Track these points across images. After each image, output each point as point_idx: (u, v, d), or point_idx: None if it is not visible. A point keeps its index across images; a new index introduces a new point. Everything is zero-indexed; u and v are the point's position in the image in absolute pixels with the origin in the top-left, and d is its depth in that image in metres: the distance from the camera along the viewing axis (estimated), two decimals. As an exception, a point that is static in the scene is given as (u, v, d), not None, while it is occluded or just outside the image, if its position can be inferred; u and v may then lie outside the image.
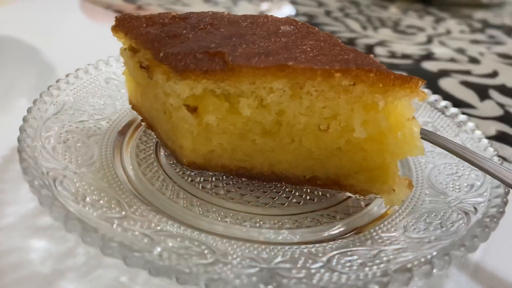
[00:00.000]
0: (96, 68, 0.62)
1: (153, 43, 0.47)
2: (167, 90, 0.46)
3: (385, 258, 0.38)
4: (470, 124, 0.57)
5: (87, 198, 0.41)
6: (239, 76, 0.42)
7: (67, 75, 0.58)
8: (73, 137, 0.51)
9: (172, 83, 0.44)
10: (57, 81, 0.56)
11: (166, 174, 0.50)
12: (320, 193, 0.49)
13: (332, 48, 0.46)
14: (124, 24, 0.52)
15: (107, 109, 0.58)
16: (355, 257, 0.39)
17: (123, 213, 0.41)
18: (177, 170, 0.51)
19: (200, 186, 0.49)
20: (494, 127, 0.74)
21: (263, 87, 0.43)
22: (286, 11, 1.40)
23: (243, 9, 1.29)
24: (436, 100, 0.63)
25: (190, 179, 0.49)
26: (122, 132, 0.56)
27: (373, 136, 0.44)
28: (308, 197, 0.48)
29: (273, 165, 0.48)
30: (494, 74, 0.96)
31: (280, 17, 0.53)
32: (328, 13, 1.30)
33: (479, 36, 1.22)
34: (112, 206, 0.42)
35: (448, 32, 1.24)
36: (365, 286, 0.33)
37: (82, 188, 0.43)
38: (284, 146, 0.47)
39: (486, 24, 1.35)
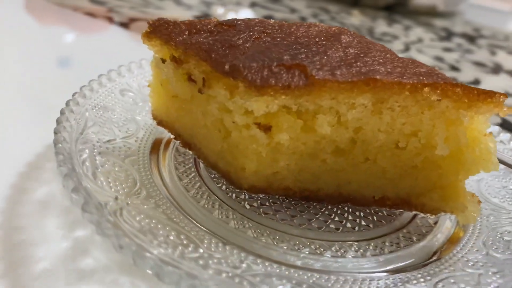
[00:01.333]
0: (109, 80, 0.55)
1: (210, 54, 0.41)
2: (229, 107, 0.41)
3: (494, 284, 0.36)
4: (505, 135, 0.58)
5: (158, 235, 0.35)
6: (321, 91, 0.38)
7: (82, 87, 0.51)
8: (108, 160, 0.44)
9: (239, 99, 0.39)
10: (74, 94, 0.49)
11: (221, 200, 0.44)
12: (385, 214, 0.47)
13: (401, 60, 0.44)
14: (162, 31, 0.46)
15: (130, 125, 0.52)
16: (462, 285, 0.36)
17: (201, 250, 0.36)
18: (230, 194, 0.46)
19: (262, 212, 0.44)
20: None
21: (345, 102, 0.39)
22: (243, 15, 1.37)
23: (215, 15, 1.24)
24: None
25: (247, 203, 0.45)
26: (154, 151, 0.50)
27: (451, 153, 0.42)
28: (375, 218, 0.46)
29: (341, 186, 0.44)
30: (476, 82, 1.00)
31: (326, 25, 0.50)
32: (303, 20, 1.29)
33: (448, 44, 1.27)
34: (185, 242, 0.36)
35: (420, 40, 1.27)
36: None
37: (144, 222, 0.37)
38: (357, 165, 0.43)
39: (449, 33, 1.41)
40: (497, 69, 1.11)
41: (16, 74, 0.73)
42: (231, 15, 1.33)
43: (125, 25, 1.00)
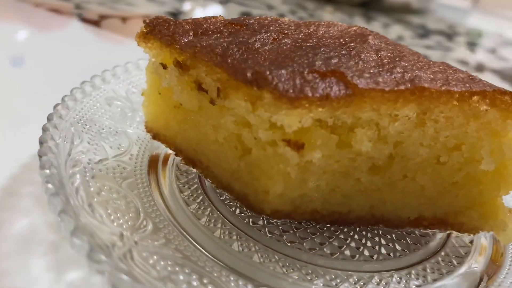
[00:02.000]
0: (93, 87, 0.48)
1: (226, 59, 0.35)
2: (251, 121, 0.35)
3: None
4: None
5: (179, 282, 0.29)
6: (361, 102, 0.33)
7: (64, 97, 0.43)
8: (103, 185, 0.37)
9: (264, 111, 0.33)
10: (56, 106, 0.41)
11: (239, 228, 0.38)
12: (419, 235, 0.42)
13: (434, 63, 0.39)
14: (162, 31, 0.39)
15: (121, 139, 0.45)
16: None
17: (230, 296, 0.30)
18: (246, 220, 0.40)
19: (287, 240, 0.38)
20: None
21: (387, 114, 0.34)
22: (212, 11, 1.30)
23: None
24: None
25: (267, 230, 0.39)
26: (151, 170, 0.43)
27: (495, 166, 0.38)
28: (410, 241, 0.41)
29: (375, 207, 0.39)
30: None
31: (344, 24, 0.45)
32: (282, 17, 1.24)
33: (428, 42, 1.25)
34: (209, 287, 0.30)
35: (400, 38, 1.24)
36: None
37: (160, 266, 0.30)
38: (393, 184, 0.38)
39: (426, 30, 1.40)
40: (480, 68, 1.10)
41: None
42: (198, 12, 1.26)
43: (95, 22, 0.92)
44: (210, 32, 0.39)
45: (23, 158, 0.45)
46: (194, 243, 0.35)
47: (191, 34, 0.39)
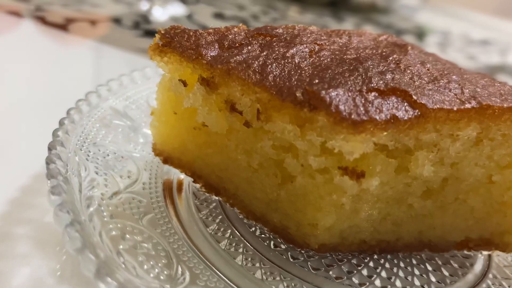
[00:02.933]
0: (89, 106, 0.42)
1: (266, 77, 0.31)
2: (298, 146, 0.30)
3: None
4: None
5: None
6: (425, 123, 0.30)
7: (61, 120, 0.37)
8: (125, 226, 0.32)
9: (315, 136, 0.29)
10: (56, 131, 0.35)
11: (281, 268, 0.34)
12: (462, 256, 0.39)
13: (476, 75, 0.37)
14: (183, 44, 0.34)
15: (129, 166, 0.39)
16: None
17: None
18: (285, 256, 0.35)
19: (334, 276, 0.34)
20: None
21: (448, 135, 0.31)
22: (172, 10, 1.24)
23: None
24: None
25: (309, 264, 0.35)
26: (168, 200, 0.38)
27: (545, 183, 0.36)
28: (455, 264, 0.38)
29: (423, 233, 0.36)
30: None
31: (374, 33, 0.42)
32: (255, 18, 1.20)
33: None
34: None
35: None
36: None
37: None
38: (444, 207, 0.35)
39: (395, 30, 1.40)
40: (455, 68, 1.11)
41: None
42: (157, 10, 1.20)
43: (61, 26, 0.83)
44: (237, 45, 0.34)
45: (10, 192, 0.39)
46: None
47: (216, 46, 0.34)
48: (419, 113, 0.29)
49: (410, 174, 0.32)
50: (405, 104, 0.29)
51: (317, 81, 0.30)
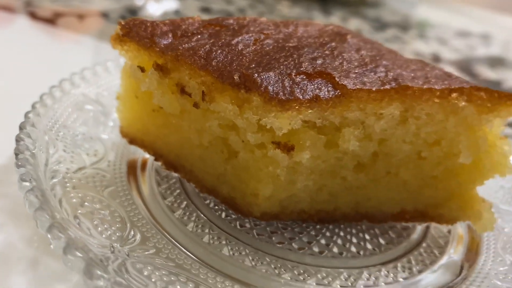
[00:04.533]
0: (62, 92, 0.45)
1: (210, 62, 0.34)
2: (238, 124, 0.34)
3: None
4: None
5: (178, 294, 0.28)
6: (349, 102, 0.33)
7: (34, 104, 0.41)
8: (85, 195, 0.36)
9: (252, 114, 0.33)
10: (27, 114, 0.39)
11: (227, 232, 0.38)
12: (400, 228, 0.43)
13: (410, 61, 0.40)
14: (140, 33, 0.38)
15: (97, 146, 0.43)
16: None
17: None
18: (233, 224, 0.39)
19: (276, 241, 0.38)
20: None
21: (372, 113, 0.35)
22: (167, 4, 1.28)
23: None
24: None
25: (255, 232, 0.39)
26: (131, 176, 0.42)
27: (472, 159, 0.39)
28: (392, 234, 0.42)
29: (359, 204, 0.40)
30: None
31: (319, 23, 0.45)
32: (242, 11, 1.23)
33: (385, 35, 1.28)
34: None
35: (359, 31, 1.27)
36: None
37: (155, 276, 0.30)
38: (377, 180, 0.39)
39: (382, 23, 1.43)
40: (436, 59, 1.14)
41: None
42: (151, 6, 1.23)
43: (49, 21, 0.87)
44: (189, 34, 0.38)
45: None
46: (185, 250, 0.35)
47: (170, 35, 0.38)
48: (339, 93, 0.32)
49: (340, 149, 0.36)
50: (329, 85, 0.33)
51: (253, 65, 0.34)
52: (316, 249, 0.39)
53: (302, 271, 0.36)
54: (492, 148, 0.39)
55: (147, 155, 0.45)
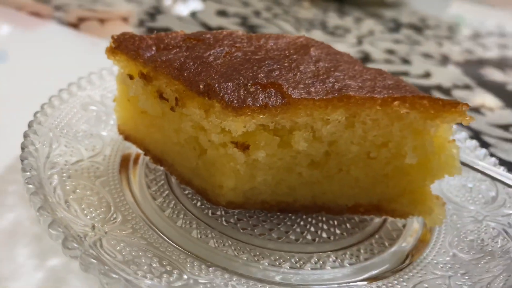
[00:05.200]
0: (70, 94, 0.53)
1: (182, 72, 0.41)
2: (205, 126, 0.40)
3: (464, 287, 0.38)
4: (462, 134, 0.61)
5: (141, 264, 0.35)
6: (297, 109, 0.39)
7: (43, 105, 0.48)
8: (79, 184, 0.43)
9: (215, 118, 0.39)
10: (36, 114, 0.47)
11: (199, 218, 0.44)
12: (358, 220, 0.48)
13: (368, 72, 0.45)
14: (128, 46, 0.44)
15: (95, 141, 0.50)
16: (435, 289, 0.38)
17: (185, 276, 0.36)
18: (206, 211, 0.46)
19: (240, 228, 0.44)
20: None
21: (320, 119, 0.40)
22: (192, 5, 1.35)
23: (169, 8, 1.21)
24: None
25: (224, 220, 0.45)
26: (123, 169, 0.49)
27: (419, 160, 0.44)
28: (349, 226, 0.47)
29: (316, 197, 0.45)
30: (427, 75, 1.04)
31: (292, 35, 0.50)
32: (257, 14, 1.29)
33: (398, 36, 1.31)
34: (168, 268, 0.36)
35: (371, 32, 1.30)
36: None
37: (125, 251, 0.36)
38: (331, 177, 0.44)
39: (397, 24, 1.46)
40: (444, 61, 1.16)
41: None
42: (179, 7, 1.30)
43: (73, 25, 0.96)
44: (170, 47, 0.44)
45: (7, 160, 0.50)
46: (158, 232, 0.41)
47: (153, 48, 0.44)
48: (286, 101, 0.38)
49: (293, 149, 0.41)
50: (278, 94, 0.38)
51: (217, 76, 0.40)
52: (275, 235, 0.44)
53: (258, 253, 0.41)
54: (441, 150, 0.43)
55: (140, 151, 0.51)
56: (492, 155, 0.59)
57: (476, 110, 0.89)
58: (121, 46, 0.45)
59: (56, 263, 0.40)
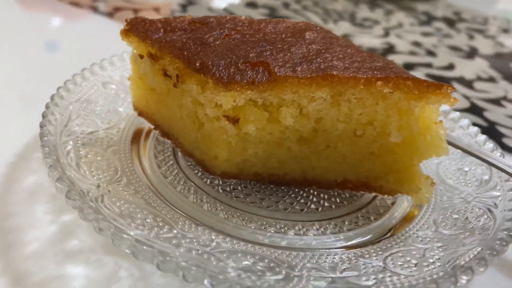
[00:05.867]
0: (92, 73, 0.58)
1: (183, 52, 0.45)
2: (201, 101, 0.44)
3: (436, 257, 0.41)
4: (465, 121, 0.62)
5: (135, 219, 0.39)
6: (283, 86, 0.42)
7: (65, 82, 0.54)
8: (91, 150, 0.48)
9: (210, 93, 0.43)
10: (58, 89, 0.52)
11: (196, 185, 0.49)
12: (348, 196, 0.51)
13: (360, 54, 0.47)
14: (139, 29, 0.49)
15: (112, 116, 0.55)
16: (407, 258, 0.41)
17: (174, 231, 0.40)
18: (205, 180, 0.50)
19: (233, 196, 0.48)
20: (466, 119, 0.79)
21: (305, 96, 0.43)
22: None
23: None
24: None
25: (220, 188, 0.49)
26: (135, 141, 0.54)
27: (405, 139, 0.46)
28: (338, 200, 0.50)
29: (306, 171, 0.49)
30: (451, 67, 1.03)
31: (294, 21, 0.53)
32: (286, 5, 1.31)
33: (427, 29, 1.30)
34: (160, 224, 0.40)
35: (400, 25, 1.30)
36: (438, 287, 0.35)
37: (124, 207, 0.41)
38: (319, 152, 0.47)
39: (430, 17, 1.44)
40: (472, 54, 1.15)
41: (6, 60, 0.76)
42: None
43: (109, 14, 1.03)
44: (176, 30, 0.49)
45: (36, 131, 0.56)
46: (158, 194, 0.46)
47: (161, 31, 0.49)
48: (272, 78, 0.41)
49: (281, 124, 0.45)
50: (265, 72, 0.42)
51: (212, 55, 0.44)
52: (282, 207, 0.48)
53: (264, 223, 0.45)
54: (427, 131, 0.45)
55: (151, 125, 0.56)
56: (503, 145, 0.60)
57: (496, 101, 0.88)
58: (133, 29, 0.49)
59: (68, 219, 0.45)
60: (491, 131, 0.76)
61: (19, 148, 0.54)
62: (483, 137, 0.58)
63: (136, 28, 0.49)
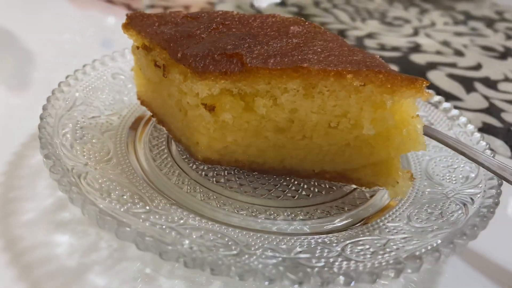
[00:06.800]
0: (102, 64, 0.63)
1: (169, 43, 0.48)
2: (183, 89, 0.48)
3: (394, 247, 0.41)
4: (463, 119, 0.61)
5: (112, 194, 0.43)
6: (255, 77, 0.44)
7: (75, 71, 0.59)
8: (88, 133, 0.52)
9: (190, 83, 0.46)
10: (67, 77, 0.57)
11: (181, 169, 0.52)
12: (327, 186, 0.52)
13: (340, 49, 0.49)
14: (136, 22, 0.53)
15: (116, 104, 0.60)
16: (367, 246, 0.42)
17: (147, 207, 0.43)
18: (191, 165, 0.53)
19: (214, 180, 0.51)
20: (480, 119, 0.78)
21: (278, 87, 0.45)
22: None
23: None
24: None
25: (204, 173, 0.52)
26: (134, 127, 0.58)
27: (380, 132, 0.47)
28: (316, 190, 0.51)
29: (284, 160, 0.51)
30: (478, 67, 1.01)
31: (287, 16, 0.55)
32: (317, 4, 1.32)
33: (462, 28, 1.27)
34: (136, 201, 0.44)
35: (432, 24, 1.27)
36: (381, 273, 0.36)
37: (105, 184, 0.45)
38: (296, 142, 0.49)
39: (468, 16, 1.40)
40: (505, 54, 1.11)
41: (65, 55, 0.84)
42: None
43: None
44: (169, 23, 0.52)
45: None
46: (143, 175, 0.49)
47: (156, 25, 0.52)
48: (243, 69, 0.44)
49: (257, 113, 0.47)
50: (239, 63, 0.44)
51: (194, 47, 0.47)
52: (243, 189, 0.50)
53: (255, 210, 0.47)
54: (403, 125, 0.46)
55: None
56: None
57: (517, 103, 0.85)
58: (132, 22, 0.53)
59: (63, 194, 0.50)
60: (503, 131, 0.74)
61: (33, 130, 0.59)
62: (477, 135, 0.58)
63: (135, 22, 0.53)
